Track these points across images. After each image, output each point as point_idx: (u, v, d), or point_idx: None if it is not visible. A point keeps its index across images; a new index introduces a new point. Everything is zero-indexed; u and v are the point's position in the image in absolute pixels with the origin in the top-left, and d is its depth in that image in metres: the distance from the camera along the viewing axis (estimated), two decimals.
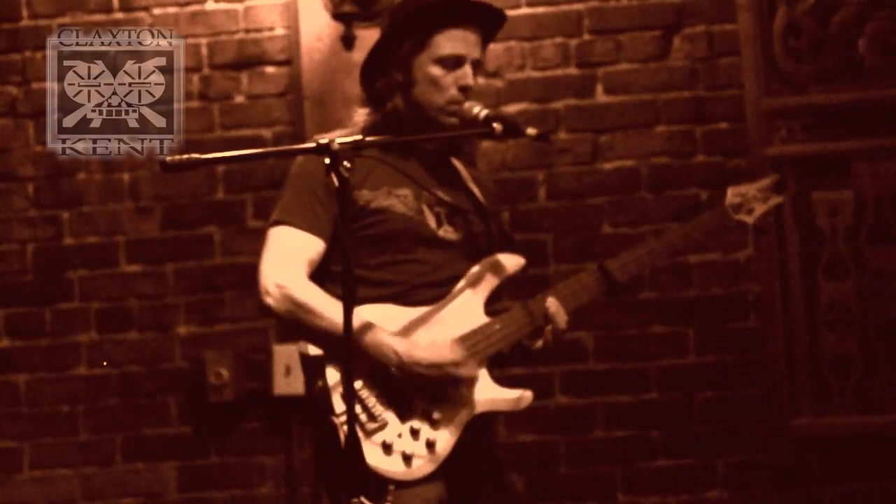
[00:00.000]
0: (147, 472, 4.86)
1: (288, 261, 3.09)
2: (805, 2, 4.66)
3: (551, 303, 3.16)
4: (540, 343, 3.17)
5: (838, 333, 4.63)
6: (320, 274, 3.12)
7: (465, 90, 3.16)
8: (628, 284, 3.30)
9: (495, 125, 3.13)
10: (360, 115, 3.24)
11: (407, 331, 3.07)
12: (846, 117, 4.63)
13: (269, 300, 3.07)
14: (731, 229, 3.46)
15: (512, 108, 4.72)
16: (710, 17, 4.73)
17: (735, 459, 4.66)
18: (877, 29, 4.64)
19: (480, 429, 3.13)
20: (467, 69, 3.16)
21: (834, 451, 4.60)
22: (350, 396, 2.77)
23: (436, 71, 3.15)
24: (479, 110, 3.16)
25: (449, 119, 3.17)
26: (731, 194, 3.43)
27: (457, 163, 3.31)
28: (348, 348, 2.75)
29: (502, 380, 3.16)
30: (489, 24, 3.24)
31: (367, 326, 3.01)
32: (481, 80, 3.25)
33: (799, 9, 4.66)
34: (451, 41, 3.15)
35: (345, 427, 2.94)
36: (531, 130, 3.14)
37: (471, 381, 3.08)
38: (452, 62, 3.16)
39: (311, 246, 3.11)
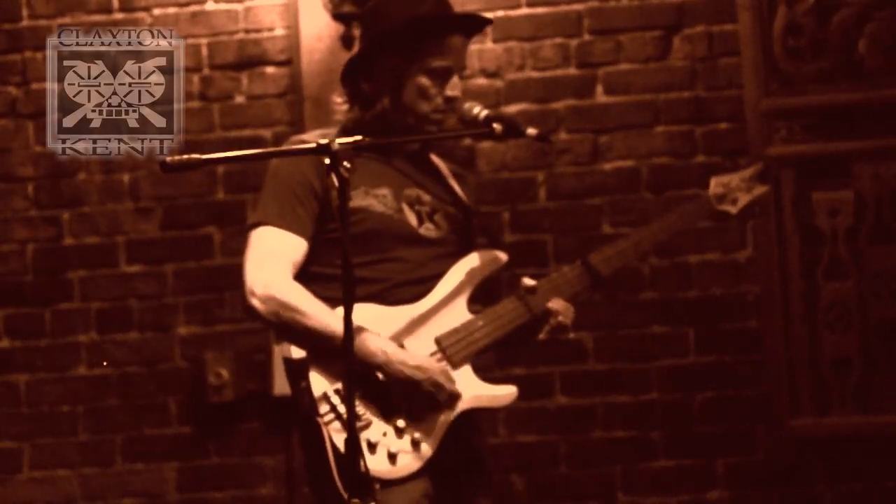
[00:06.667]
0: (147, 473, 4.85)
1: (272, 262, 3.08)
2: (805, 2, 4.65)
3: (557, 302, 3.17)
4: (542, 336, 3.17)
5: (838, 333, 4.63)
6: (299, 276, 3.10)
7: (451, 101, 3.17)
8: (612, 278, 3.31)
9: (495, 125, 3.15)
10: (340, 112, 3.25)
11: (389, 330, 3.07)
12: (846, 117, 4.63)
13: (255, 301, 3.05)
14: (715, 219, 3.44)
15: (512, 108, 4.71)
16: (710, 17, 4.72)
17: (735, 459, 4.65)
18: (877, 29, 4.64)
19: (467, 425, 3.13)
20: (455, 80, 3.18)
21: (834, 451, 4.60)
22: (350, 396, 2.76)
23: (425, 81, 3.16)
24: (479, 110, 3.18)
25: (432, 126, 3.18)
26: (714, 184, 3.41)
27: (437, 160, 3.33)
28: (349, 348, 2.74)
29: (491, 377, 3.16)
30: (475, 29, 3.28)
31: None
32: (482, 81, 3.26)
33: (799, 9, 4.66)
34: (442, 53, 3.16)
35: (329, 427, 2.96)
36: (531, 130, 3.16)
37: (451, 393, 3.07)
38: (442, 73, 3.17)
39: (294, 246, 3.10)
